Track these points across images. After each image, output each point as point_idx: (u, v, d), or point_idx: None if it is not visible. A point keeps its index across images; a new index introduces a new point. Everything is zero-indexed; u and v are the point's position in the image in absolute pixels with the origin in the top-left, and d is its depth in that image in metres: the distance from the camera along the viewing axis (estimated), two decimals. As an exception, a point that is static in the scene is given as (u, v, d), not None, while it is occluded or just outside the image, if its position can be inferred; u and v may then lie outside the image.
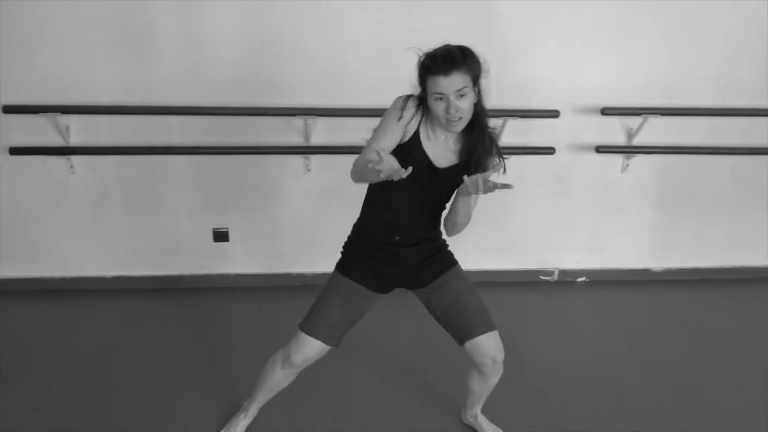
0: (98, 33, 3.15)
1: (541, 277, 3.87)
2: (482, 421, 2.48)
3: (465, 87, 1.90)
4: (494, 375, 2.24)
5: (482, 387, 2.33)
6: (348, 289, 2.16)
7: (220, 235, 3.58)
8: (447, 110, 1.90)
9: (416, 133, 2.03)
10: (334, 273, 2.21)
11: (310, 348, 2.16)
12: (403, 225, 2.12)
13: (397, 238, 2.12)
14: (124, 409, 2.62)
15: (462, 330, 2.13)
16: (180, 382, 2.80)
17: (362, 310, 2.20)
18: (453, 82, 1.88)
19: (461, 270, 2.24)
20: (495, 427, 2.48)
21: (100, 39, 3.16)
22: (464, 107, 1.91)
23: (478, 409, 2.48)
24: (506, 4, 3.25)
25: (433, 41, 3.27)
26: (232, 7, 3.15)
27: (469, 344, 2.13)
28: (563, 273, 3.87)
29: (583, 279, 3.88)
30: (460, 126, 1.95)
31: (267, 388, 2.35)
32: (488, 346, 2.13)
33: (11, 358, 2.95)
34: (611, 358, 3.06)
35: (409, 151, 2.01)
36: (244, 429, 2.46)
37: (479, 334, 2.11)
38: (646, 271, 3.90)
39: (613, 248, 3.83)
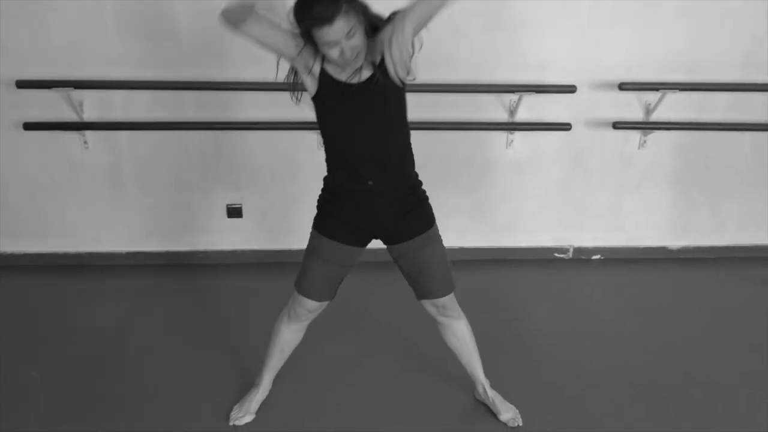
0: (111, 7, 3.12)
1: (556, 254, 3.84)
2: (494, 398, 2.47)
3: (352, 26, 1.82)
4: (450, 322, 2.34)
5: (455, 341, 2.40)
6: (327, 249, 2.16)
7: (234, 211, 3.58)
8: (342, 54, 1.84)
9: (324, 72, 1.97)
10: (312, 231, 2.21)
11: (309, 304, 2.23)
12: (367, 163, 2.05)
13: (370, 182, 2.06)
14: (139, 384, 2.64)
15: (421, 291, 2.25)
16: (194, 357, 2.81)
17: (347, 263, 2.22)
18: (339, 27, 1.79)
19: (435, 231, 2.21)
20: (507, 403, 2.47)
21: (113, 13, 3.13)
22: (357, 44, 1.85)
23: (481, 379, 2.48)
24: (523, -24, 3.20)
25: (449, 17, 3.24)
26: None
27: (425, 302, 2.28)
28: (578, 251, 3.84)
29: (598, 257, 3.85)
30: (360, 60, 1.90)
31: (278, 350, 2.38)
32: (436, 304, 2.28)
33: (28, 333, 2.98)
34: (626, 336, 3.04)
35: (326, 92, 1.98)
36: (259, 403, 2.47)
37: (435, 298, 2.25)
38: (662, 249, 3.87)
39: (629, 226, 3.79)
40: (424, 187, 2.21)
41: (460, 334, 2.39)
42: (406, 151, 2.14)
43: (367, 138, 2.04)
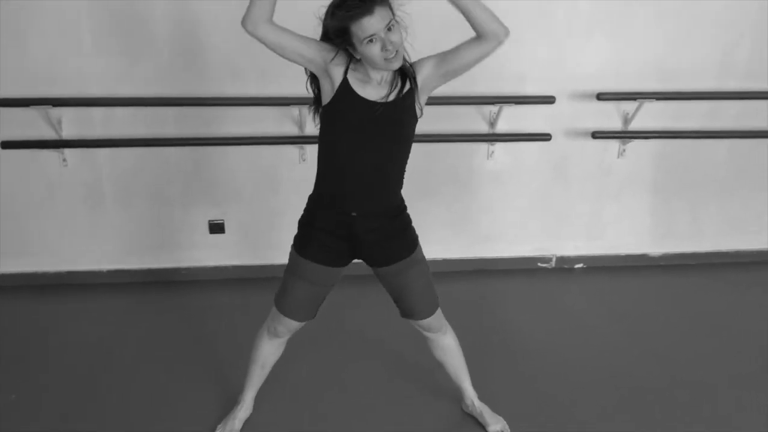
0: (88, 23, 3.09)
1: (539, 264, 3.86)
2: (482, 410, 2.48)
3: (390, 19, 1.81)
4: (437, 337, 2.34)
5: (442, 355, 2.40)
6: (308, 271, 2.14)
7: (216, 227, 3.56)
8: (384, 48, 1.81)
9: (345, 83, 1.92)
10: (292, 251, 2.18)
11: (290, 324, 2.23)
12: (358, 188, 2.02)
13: (354, 213, 2.04)
14: (121, 404, 2.61)
15: (404, 311, 2.26)
16: (178, 375, 2.78)
17: (328, 283, 2.20)
18: (380, 18, 1.78)
19: (418, 255, 2.18)
20: (496, 415, 2.47)
21: (91, 30, 3.11)
22: (397, 40, 1.83)
23: (469, 392, 2.49)
24: (500, -11, 3.22)
25: (428, 27, 3.26)
26: (224, -5, 3.11)
27: (410, 321, 2.30)
28: (561, 260, 3.86)
29: (581, 265, 3.88)
30: (399, 60, 1.86)
31: (259, 366, 2.37)
32: (419, 324, 2.29)
33: (6, 355, 2.93)
34: (609, 344, 3.05)
35: (343, 105, 1.93)
36: (242, 421, 2.46)
37: (417, 319, 2.26)
38: (643, 257, 3.90)
39: (610, 234, 3.82)
40: (407, 201, 2.21)
41: (447, 349, 2.39)
42: (400, 176, 2.12)
43: (370, 160, 2.00)
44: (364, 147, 1.98)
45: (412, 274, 2.17)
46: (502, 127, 3.46)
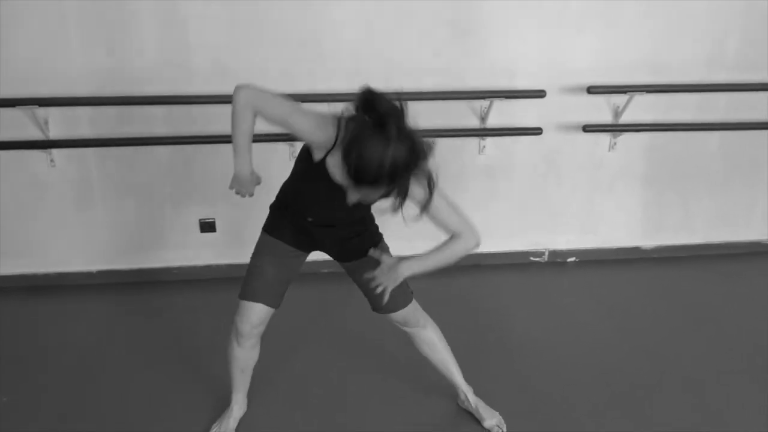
0: (74, 22, 3.06)
1: (532, 258, 3.86)
2: (477, 404, 2.47)
3: (382, 194, 1.79)
4: (416, 332, 2.36)
5: (426, 349, 2.41)
6: (275, 248, 2.18)
7: (207, 226, 3.53)
8: (355, 198, 1.86)
9: (323, 162, 1.90)
10: (261, 234, 2.24)
11: (253, 312, 2.19)
12: (311, 215, 2.10)
13: (310, 219, 2.11)
14: (114, 406, 2.59)
15: (372, 305, 2.27)
16: (171, 375, 2.76)
17: (294, 267, 2.24)
18: (370, 192, 1.77)
19: (383, 247, 2.23)
20: (491, 409, 2.47)
21: (76, 28, 3.07)
22: (375, 200, 1.88)
23: (462, 387, 2.48)
24: (489, -17, 3.21)
25: (417, 23, 3.25)
26: (211, -9, 3.09)
27: (386, 316, 2.30)
28: (553, 254, 3.86)
29: (573, 259, 3.88)
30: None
31: (238, 371, 2.36)
32: (394, 318, 2.29)
33: (-3, 357, 2.90)
34: (602, 339, 3.06)
35: (312, 169, 1.93)
36: (237, 421, 2.45)
37: (386, 312, 2.25)
38: (636, 249, 3.90)
39: (603, 227, 3.83)
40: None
41: (429, 342, 2.39)
42: (361, 223, 2.20)
43: (320, 210, 2.08)
44: (317, 202, 2.05)
45: (372, 270, 2.14)
46: (493, 121, 3.45)
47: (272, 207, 2.25)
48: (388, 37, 3.24)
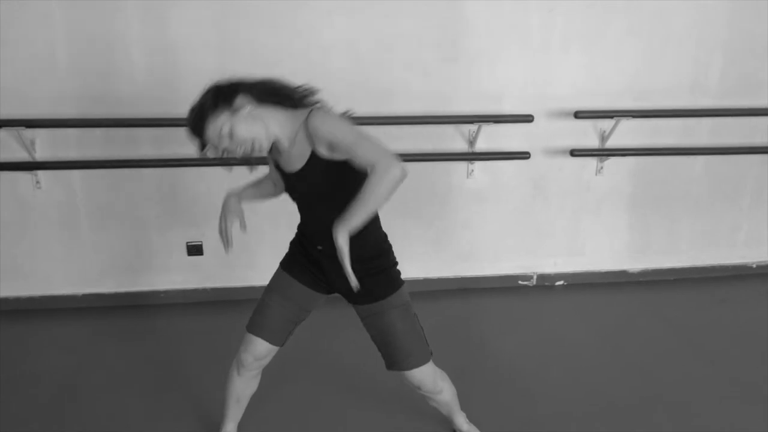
0: (62, 44, 3.06)
1: (520, 282, 3.86)
2: (471, 432, 2.44)
3: (222, 128, 1.83)
4: (431, 397, 2.25)
5: (438, 407, 2.35)
6: (288, 288, 2.12)
7: (194, 249, 3.51)
8: (219, 152, 1.87)
9: (271, 158, 2.02)
10: (278, 268, 2.19)
11: (257, 347, 2.14)
12: (316, 231, 2.00)
13: (319, 247, 2.01)
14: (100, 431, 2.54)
15: (386, 360, 2.13)
16: (156, 401, 2.72)
17: (305, 307, 2.15)
18: (209, 137, 1.87)
19: (395, 301, 2.05)
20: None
21: (64, 50, 3.08)
22: (238, 141, 1.82)
23: (458, 418, 2.44)
24: (475, 9, 3.24)
25: (404, 47, 3.28)
26: (200, 15, 3.09)
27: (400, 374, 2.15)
28: (541, 277, 3.87)
29: (561, 282, 3.88)
30: (256, 152, 1.85)
31: (234, 400, 2.31)
32: (408, 379, 2.13)
33: (-22, 383, 2.85)
34: (592, 361, 3.05)
35: (279, 174, 2.01)
36: (225, 451, 2.39)
37: (399, 370, 2.11)
38: (623, 273, 3.92)
39: (590, 251, 3.84)
40: (388, 220, 2.16)
41: (443, 403, 2.31)
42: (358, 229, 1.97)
43: (314, 216, 2.00)
44: (305, 207, 2.02)
45: (388, 318, 2.04)
46: (481, 145, 3.47)
47: (291, 242, 2.19)
48: (377, 62, 3.27)
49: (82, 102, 3.16)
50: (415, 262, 3.69)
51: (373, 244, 2.04)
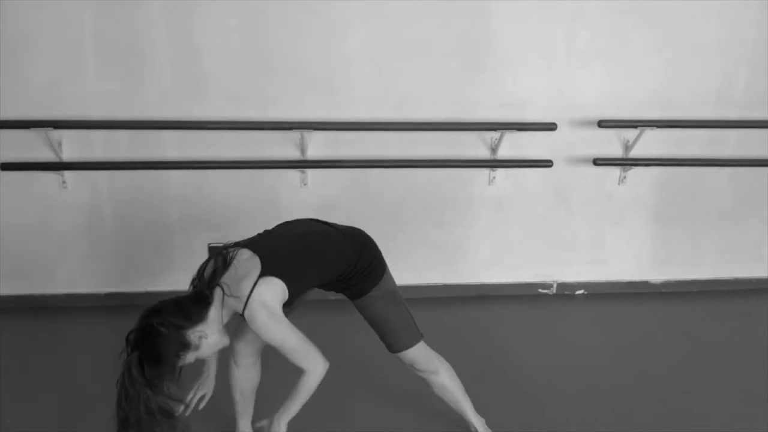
0: (89, 47, 3.11)
1: (540, 290, 3.84)
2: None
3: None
4: (427, 377, 2.34)
5: (440, 392, 2.39)
6: None
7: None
8: None
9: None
10: None
11: (245, 332, 2.22)
12: None
13: None
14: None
15: (384, 343, 2.28)
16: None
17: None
18: None
19: (381, 288, 2.20)
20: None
21: (92, 53, 3.12)
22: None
23: (473, 420, 2.46)
24: (500, 17, 3.24)
25: (427, 54, 3.28)
26: (224, 20, 3.12)
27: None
28: (562, 286, 3.84)
29: (581, 292, 3.86)
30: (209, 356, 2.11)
31: (238, 394, 2.36)
32: (402, 359, 2.29)
33: (2, 379, 2.89)
34: (609, 372, 3.03)
35: None
36: (243, 452, 2.43)
37: (392, 351, 2.27)
38: (645, 284, 3.88)
39: (611, 261, 3.81)
40: (409, 225, 2.22)
41: (443, 388, 2.38)
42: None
43: None
44: None
45: (376, 308, 2.21)
46: (503, 153, 3.46)
47: None
48: (399, 69, 3.27)
49: (109, 104, 3.20)
50: (434, 268, 3.69)
51: (342, 269, 2.14)
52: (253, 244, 2.07)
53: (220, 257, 2.00)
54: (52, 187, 3.34)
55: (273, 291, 1.95)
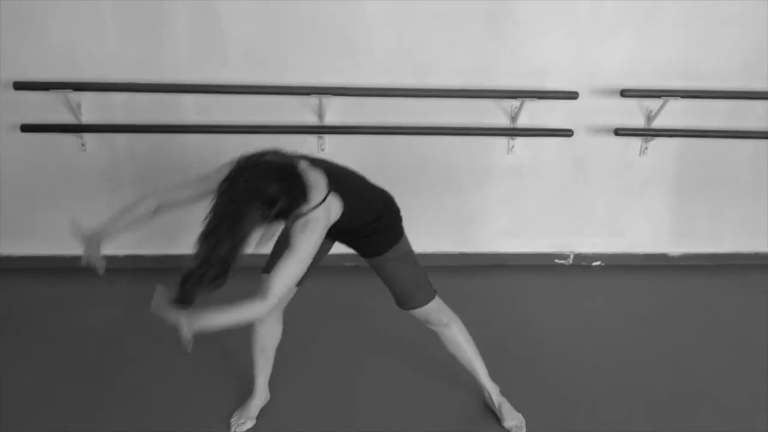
0: (109, 9, 3.09)
1: (557, 260, 3.83)
2: (501, 404, 2.47)
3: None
4: (439, 330, 2.36)
5: (451, 347, 2.41)
6: None
7: (233, 216, 3.54)
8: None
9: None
10: None
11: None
12: None
13: None
14: (137, 389, 2.61)
15: (396, 301, 2.31)
16: (194, 361, 2.77)
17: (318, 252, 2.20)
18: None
19: (397, 251, 2.21)
20: (514, 411, 2.46)
21: (113, 14, 3.10)
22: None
23: (486, 385, 2.48)
24: (525, -17, 3.19)
25: (449, 21, 3.23)
26: (246, -17, 3.09)
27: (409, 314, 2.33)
28: (578, 257, 3.83)
29: (598, 263, 3.84)
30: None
31: (259, 350, 2.38)
32: (416, 316, 2.32)
33: (23, 337, 2.94)
34: (625, 344, 3.03)
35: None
36: (258, 409, 2.46)
37: (406, 309, 2.31)
38: (663, 256, 3.86)
39: (630, 232, 3.78)
40: (427, 193, 2.20)
41: (453, 341, 2.39)
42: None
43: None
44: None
45: (390, 267, 2.23)
46: (523, 121, 3.42)
47: None
48: (420, 35, 3.23)
49: (128, 67, 3.20)
50: (451, 237, 3.68)
51: (370, 216, 2.15)
52: (305, 157, 2.04)
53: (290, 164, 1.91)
54: (71, 149, 3.35)
55: (337, 209, 1.97)
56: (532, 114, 3.40)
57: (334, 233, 2.09)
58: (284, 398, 2.54)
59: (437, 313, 2.32)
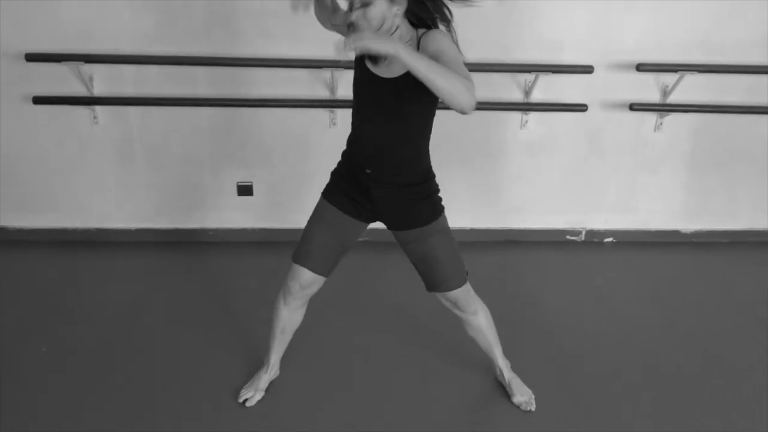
0: (122, -21, 3.08)
1: (569, 237, 3.81)
2: (511, 380, 2.48)
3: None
4: (466, 317, 2.32)
5: (474, 333, 2.39)
6: (331, 216, 2.16)
7: (245, 189, 3.55)
8: (351, 21, 1.83)
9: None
10: (320, 198, 2.22)
11: (303, 275, 2.20)
12: (369, 152, 2.05)
13: (368, 171, 2.06)
14: (148, 361, 2.63)
15: (428, 283, 2.23)
16: (204, 335, 2.81)
17: (349, 236, 2.21)
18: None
19: (439, 225, 2.14)
20: (524, 387, 2.47)
21: (124, -14, 3.09)
22: (373, 16, 1.80)
23: (499, 361, 2.48)
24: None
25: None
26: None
27: (437, 295, 2.26)
28: (591, 233, 3.81)
29: (610, 240, 3.82)
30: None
31: (279, 331, 2.37)
32: (446, 299, 2.25)
33: (36, 309, 2.97)
34: (637, 320, 3.02)
35: (357, 71, 2.02)
36: (267, 382, 2.48)
37: (441, 291, 2.22)
38: (675, 233, 3.83)
39: (642, 209, 3.75)
40: (438, 168, 2.16)
41: (478, 329, 2.37)
42: (412, 155, 2.08)
43: (373, 131, 2.03)
44: (367, 118, 2.04)
45: (431, 243, 2.13)
46: (537, 96, 3.38)
47: (333, 172, 2.23)
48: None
49: (140, 39, 3.18)
50: (464, 212, 3.67)
51: (421, 172, 2.11)
52: None
53: None
54: (83, 121, 3.35)
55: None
56: (547, 88, 3.36)
57: (381, 206, 2.10)
58: (294, 374, 2.55)
59: (467, 299, 2.27)
